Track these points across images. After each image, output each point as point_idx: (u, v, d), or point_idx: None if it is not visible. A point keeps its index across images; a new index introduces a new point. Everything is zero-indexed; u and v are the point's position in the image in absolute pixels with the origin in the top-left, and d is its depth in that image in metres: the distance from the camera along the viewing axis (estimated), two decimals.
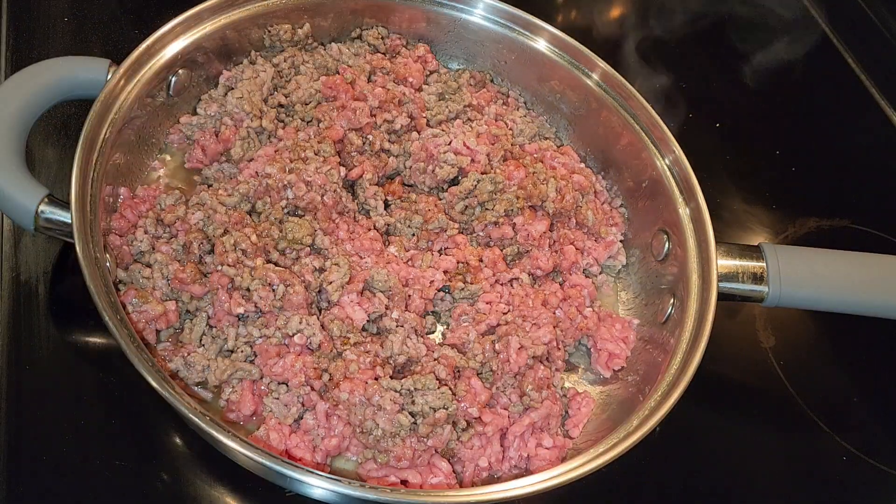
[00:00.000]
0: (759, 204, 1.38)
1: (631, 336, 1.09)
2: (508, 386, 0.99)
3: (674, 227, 1.10)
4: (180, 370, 0.92)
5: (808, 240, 1.33)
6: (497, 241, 1.10)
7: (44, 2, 1.30)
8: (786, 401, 1.16)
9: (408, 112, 1.17)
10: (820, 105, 1.60)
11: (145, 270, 0.96)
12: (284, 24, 1.18)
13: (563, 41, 1.21)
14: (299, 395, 0.92)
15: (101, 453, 0.90)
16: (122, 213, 1.00)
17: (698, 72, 1.56)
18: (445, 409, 0.91)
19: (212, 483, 0.92)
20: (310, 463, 0.89)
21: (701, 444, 1.10)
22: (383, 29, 1.26)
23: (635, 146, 1.17)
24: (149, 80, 1.02)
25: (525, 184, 1.11)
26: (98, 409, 0.93)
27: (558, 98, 1.26)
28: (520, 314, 1.04)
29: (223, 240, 0.97)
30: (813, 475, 1.11)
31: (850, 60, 1.67)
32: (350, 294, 0.98)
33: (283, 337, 0.94)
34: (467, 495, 0.82)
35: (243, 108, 1.10)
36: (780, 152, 1.46)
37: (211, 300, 0.96)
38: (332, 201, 1.04)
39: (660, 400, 0.93)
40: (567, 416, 1.03)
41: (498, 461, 0.95)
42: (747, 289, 1.05)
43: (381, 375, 0.93)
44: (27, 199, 0.90)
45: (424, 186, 1.13)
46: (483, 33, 1.25)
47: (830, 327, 1.25)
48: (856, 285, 1.07)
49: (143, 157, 1.08)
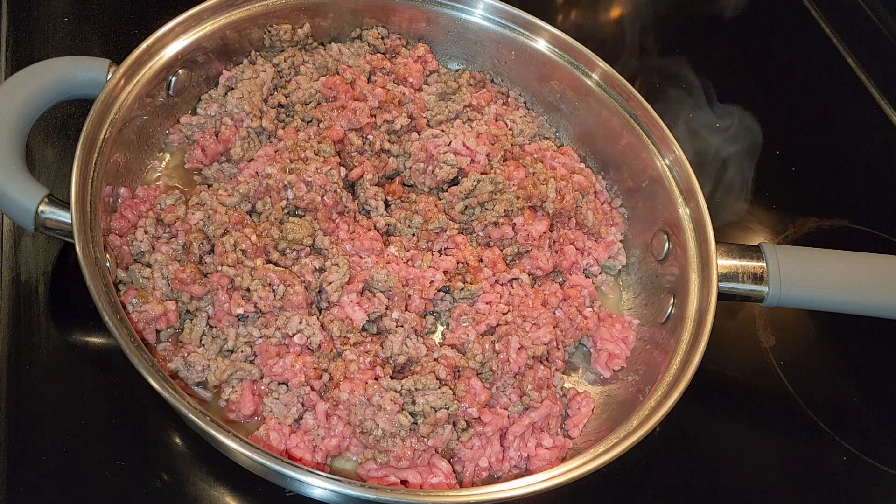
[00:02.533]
0: (759, 204, 1.38)
1: (631, 336, 1.09)
2: (508, 386, 0.99)
3: (674, 227, 1.10)
4: (180, 370, 0.92)
5: (808, 240, 1.33)
6: (497, 242, 1.10)
7: (44, 2, 1.30)
8: (786, 401, 1.16)
9: (408, 112, 1.17)
10: (820, 105, 1.60)
11: (145, 270, 0.96)
12: (284, 24, 1.18)
13: (563, 41, 1.21)
14: (299, 395, 0.92)
15: (101, 453, 0.90)
16: (122, 213, 1.00)
17: (699, 71, 1.56)
18: (446, 409, 0.91)
19: (212, 483, 0.92)
20: (310, 463, 0.89)
21: (701, 444, 1.10)
22: (383, 29, 1.26)
23: (635, 146, 1.17)
24: (149, 80, 1.02)
25: (525, 184, 1.11)
26: (98, 409, 0.93)
27: (558, 98, 1.26)
28: (520, 314, 1.04)
29: (223, 240, 0.97)
30: (813, 475, 1.11)
31: (851, 60, 1.67)
32: (350, 294, 0.98)
33: (283, 337, 0.94)
34: (467, 495, 0.82)
35: (243, 108, 1.10)
36: (780, 152, 1.46)
37: (211, 300, 0.96)
38: (333, 201, 1.04)
39: (660, 400, 0.93)
40: (567, 416, 1.03)
41: (498, 461, 0.95)
42: (747, 289, 1.05)
43: (381, 375, 0.93)
44: (27, 199, 0.90)
45: (424, 187, 1.13)
46: (483, 33, 1.25)
47: (830, 327, 1.25)
48: (856, 285, 1.07)
49: (143, 157, 1.08)
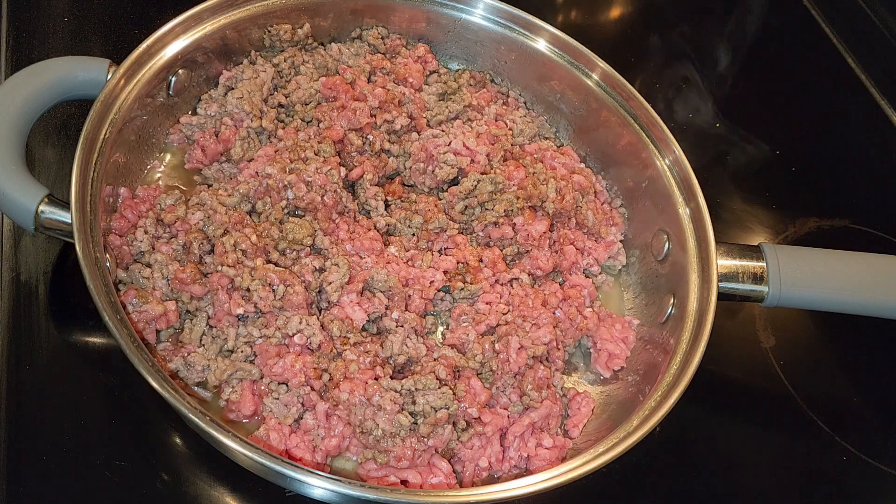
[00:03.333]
0: (759, 204, 1.38)
1: (631, 336, 1.09)
2: (508, 386, 0.99)
3: (674, 227, 1.10)
4: (180, 370, 0.92)
5: (808, 240, 1.33)
6: (497, 242, 1.10)
7: (44, 2, 1.30)
8: (786, 401, 1.16)
9: (408, 112, 1.17)
10: (820, 105, 1.60)
11: (145, 270, 0.96)
12: (284, 24, 1.18)
13: (563, 41, 1.21)
14: (299, 395, 0.92)
15: (101, 453, 0.90)
16: (122, 213, 1.00)
17: (698, 72, 1.56)
18: (447, 409, 0.91)
19: (212, 483, 0.92)
20: (310, 463, 0.89)
21: (701, 444, 1.10)
22: (383, 29, 1.26)
23: (635, 146, 1.17)
24: (149, 80, 1.02)
25: (525, 184, 1.11)
26: (98, 409, 0.93)
27: (558, 98, 1.26)
28: (520, 314, 1.04)
29: (223, 240, 0.97)
30: (813, 475, 1.11)
31: (850, 60, 1.67)
32: (350, 294, 0.98)
33: (282, 337, 0.94)
34: (467, 495, 0.82)
35: (243, 109, 1.10)
36: (780, 152, 1.46)
37: (211, 300, 0.96)
38: (333, 201, 1.04)
39: (660, 400, 0.93)
40: (567, 416, 1.03)
41: (498, 461, 0.95)
42: (747, 289, 1.05)
43: (381, 375, 0.93)
44: (27, 199, 0.90)
45: (424, 187, 1.13)
46: (483, 33, 1.25)
47: (830, 327, 1.25)
48: (856, 285, 1.07)
49: (143, 157, 1.08)
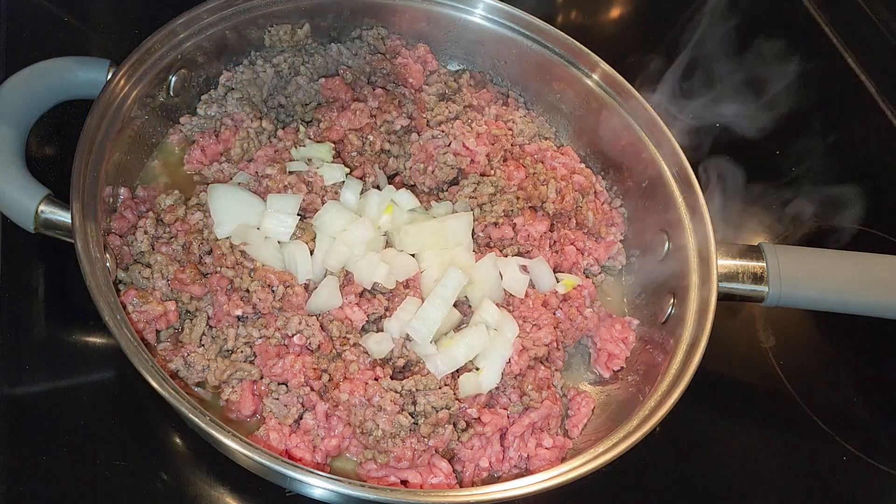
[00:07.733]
0: (759, 204, 1.38)
1: (631, 336, 1.09)
2: (508, 386, 0.99)
3: (674, 227, 1.10)
4: (180, 370, 0.92)
5: (808, 240, 1.33)
6: (497, 242, 1.10)
7: (44, 2, 1.30)
8: (786, 401, 1.16)
9: (408, 113, 1.17)
10: (820, 105, 1.60)
11: (145, 270, 0.96)
12: (284, 24, 1.18)
13: (563, 41, 1.21)
14: (299, 396, 0.92)
15: (101, 453, 0.90)
16: (122, 213, 1.00)
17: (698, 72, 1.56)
18: (448, 409, 0.91)
19: (212, 483, 0.92)
20: (310, 463, 0.89)
21: (701, 444, 1.10)
22: (383, 29, 1.26)
23: (635, 146, 1.17)
24: (149, 80, 1.02)
25: (525, 184, 1.11)
26: (98, 409, 0.93)
27: (558, 98, 1.26)
28: (520, 315, 1.04)
29: (219, 243, 0.97)
30: (813, 475, 1.11)
31: (851, 60, 1.67)
32: (349, 295, 0.98)
33: (282, 337, 0.94)
34: (467, 495, 0.82)
35: (243, 109, 1.10)
36: (780, 152, 1.46)
37: (211, 301, 0.96)
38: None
39: (660, 400, 0.93)
40: (567, 416, 1.03)
41: (498, 461, 0.95)
42: (747, 289, 1.05)
43: (380, 376, 0.93)
44: (27, 199, 0.90)
45: (424, 187, 1.13)
46: (483, 33, 1.25)
47: (830, 327, 1.25)
48: (856, 285, 1.07)
49: (143, 157, 1.08)
